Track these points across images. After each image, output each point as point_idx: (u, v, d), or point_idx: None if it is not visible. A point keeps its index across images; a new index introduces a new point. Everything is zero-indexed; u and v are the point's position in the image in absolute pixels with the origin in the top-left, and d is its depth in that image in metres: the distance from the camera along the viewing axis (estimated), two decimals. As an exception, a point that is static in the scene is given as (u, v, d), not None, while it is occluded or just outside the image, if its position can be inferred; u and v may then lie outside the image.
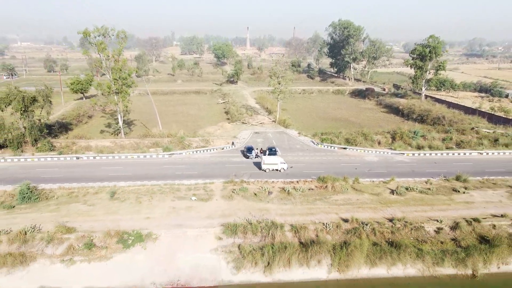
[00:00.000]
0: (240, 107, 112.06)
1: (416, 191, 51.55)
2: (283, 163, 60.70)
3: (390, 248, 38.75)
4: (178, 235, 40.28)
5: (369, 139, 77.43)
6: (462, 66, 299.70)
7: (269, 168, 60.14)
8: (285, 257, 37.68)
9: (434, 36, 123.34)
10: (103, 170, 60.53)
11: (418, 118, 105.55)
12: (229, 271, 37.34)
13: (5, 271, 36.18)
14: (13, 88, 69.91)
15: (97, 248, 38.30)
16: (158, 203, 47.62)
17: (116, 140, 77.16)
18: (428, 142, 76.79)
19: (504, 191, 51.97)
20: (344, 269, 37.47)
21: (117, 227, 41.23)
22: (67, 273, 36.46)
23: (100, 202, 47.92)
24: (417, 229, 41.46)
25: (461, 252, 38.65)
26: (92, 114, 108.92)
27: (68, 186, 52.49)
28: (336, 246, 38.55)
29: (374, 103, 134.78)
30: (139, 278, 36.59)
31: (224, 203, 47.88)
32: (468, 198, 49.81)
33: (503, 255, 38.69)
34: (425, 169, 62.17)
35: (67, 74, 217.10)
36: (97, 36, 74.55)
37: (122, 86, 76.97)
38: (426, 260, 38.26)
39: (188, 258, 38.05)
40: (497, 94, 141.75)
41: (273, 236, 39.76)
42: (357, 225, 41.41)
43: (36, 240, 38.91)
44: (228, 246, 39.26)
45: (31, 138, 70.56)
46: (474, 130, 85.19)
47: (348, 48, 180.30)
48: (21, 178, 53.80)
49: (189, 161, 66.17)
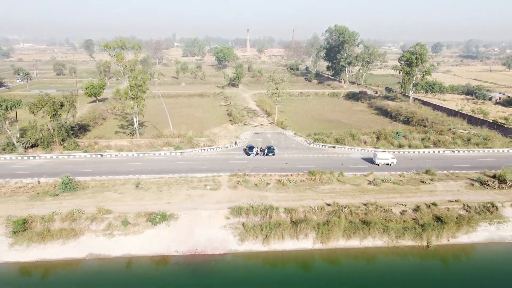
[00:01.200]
0: (241, 110, 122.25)
1: (390, 182, 61.73)
2: (393, 158, 72.34)
3: (363, 225, 48.96)
4: (194, 215, 50.49)
5: (356, 139, 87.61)
6: (456, 68, 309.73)
7: (382, 163, 71.46)
8: (279, 232, 47.89)
9: (420, 44, 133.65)
10: (125, 165, 70.68)
11: (404, 120, 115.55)
12: (235, 242, 47.56)
13: (61, 242, 46.37)
14: (44, 95, 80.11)
15: (131, 225, 48.50)
16: (176, 191, 57.82)
17: (132, 140, 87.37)
18: (409, 142, 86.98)
19: (463, 182, 62.17)
20: (325, 241, 47.68)
21: (144, 209, 51.44)
22: (108, 244, 46.67)
23: (128, 191, 58.12)
24: (385, 211, 51.66)
25: (418, 228, 48.90)
26: (106, 116, 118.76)
27: (99, 178, 62.66)
28: (319, 224, 48.74)
29: (366, 105, 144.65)
30: (165, 248, 46.77)
31: (230, 191, 58.10)
32: (432, 188, 60.03)
33: (452, 230, 48.88)
34: (402, 165, 72.22)
35: (75, 77, 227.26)
36: (116, 48, 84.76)
37: (137, 92, 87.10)
38: (391, 234, 48.47)
39: (203, 232, 48.25)
40: (481, 97, 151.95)
41: (270, 216, 49.95)
42: (337, 208, 51.60)
43: (82, 219, 49.10)
44: (234, 223, 49.49)
45: (59, 138, 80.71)
46: (451, 131, 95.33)
47: (343, 52, 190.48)
48: (58, 172, 64.18)
49: (198, 158, 76.36)
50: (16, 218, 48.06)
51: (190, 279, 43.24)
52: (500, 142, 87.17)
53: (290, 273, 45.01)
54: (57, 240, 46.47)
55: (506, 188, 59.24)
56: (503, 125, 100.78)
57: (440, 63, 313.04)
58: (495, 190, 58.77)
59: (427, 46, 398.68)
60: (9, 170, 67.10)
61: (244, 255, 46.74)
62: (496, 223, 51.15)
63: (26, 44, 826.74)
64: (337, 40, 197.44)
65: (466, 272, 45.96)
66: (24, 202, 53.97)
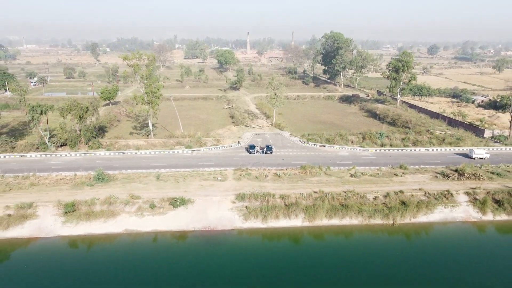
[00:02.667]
0: (243, 112, 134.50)
1: (368, 175, 73.91)
2: (486, 153, 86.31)
3: (342, 208, 61.15)
4: (207, 200, 62.68)
5: (344, 139, 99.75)
6: (448, 71, 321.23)
7: (477, 157, 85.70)
8: (275, 213, 60.09)
9: (406, 51, 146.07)
10: (145, 161, 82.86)
11: (391, 122, 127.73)
12: (240, 221, 59.75)
13: (102, 220, 58.55)
14: (73, 101, 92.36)
15: (157, 208, 60.67)
16: (190, 182, 70.01)
17: (148, 139, 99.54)
18: (390, 141, 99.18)
19: (429, 175, 74.38)
20: (312, 220, 59.86)
21: (166, 196, 63.63)
22: (140, 222, 58.84)
23: (150, 182, 70.30)
24: (361, 197, 63.83)
25: (386, 210, 61.11)
26: (119, 118, 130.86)
27: (125, 172, 74.85)
28: (307, 207, 60.92)
29: (358, 108, 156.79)
30: (184, 225, 58.93)
31: (235, 182, 70.28)
32: (402, 179, 72.22)
33: (413, 212, 61.09)
34: (381, 161, 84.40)
35: (84, 80, 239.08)
36: (133, 59, 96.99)
37: (152, 98, 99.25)
38: (364, 215, 60.65)
39: (214, 213, 60.44)
40: (465, 100, 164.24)
41: (268, 201, 62.13)
42: (322, 195, 63.75)
43: (118, 203, 61.27)
44: (239, 206, 61.69)
45: (85, 138, 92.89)
46: (429, 132, 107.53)
47: (338, 58, 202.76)
48: (89, 167, 76.44)
49: (206, 155, 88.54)
50: (65, 202, 60.26)
51: (204, 249, 55.30)
52: (471, 142, 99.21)
53: (284, 245, 57.12)
54: (99, 219, 58.67)
55: (463, 179, 71.42)
56: (477, 126, 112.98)
57: (433, 66, 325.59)
58: (454, 181, 70.99)
59: (425, 47, 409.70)
60: (47, 165, 79.31)
61: (247, 231, 58.90)
62: (450, 207, 63.38)
63: (29, 46, 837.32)
64: (332, 46, 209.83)
65: (424, 244, 57.98)
66: (67, 191, 66.19)
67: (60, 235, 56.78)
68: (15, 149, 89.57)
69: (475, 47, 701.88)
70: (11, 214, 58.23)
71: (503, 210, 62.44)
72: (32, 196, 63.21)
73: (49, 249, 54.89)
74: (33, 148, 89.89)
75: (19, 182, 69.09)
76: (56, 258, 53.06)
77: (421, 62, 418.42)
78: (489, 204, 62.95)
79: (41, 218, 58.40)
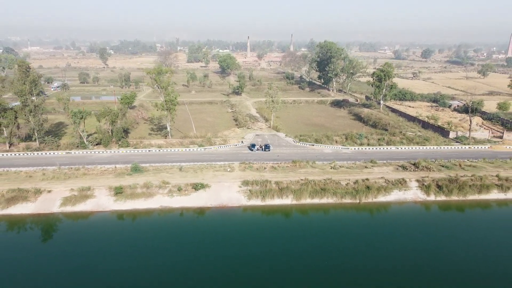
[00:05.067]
0: (245, 116, 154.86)
1: (345, 167, 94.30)
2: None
3: (321, 191, 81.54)
4: (220, 185, 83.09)
5: (330, 139, 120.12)
6: (437, 75, 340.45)
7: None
8: (271, 194, 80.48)
9: (388, 63, 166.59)
10: (167, 157, 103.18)
11: (373, 124, 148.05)
12: (245, 200, 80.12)
13: (143, 199, 78.92)
14: (107, 108, 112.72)
15: (183, 190, 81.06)
16: (206, 172, 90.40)
17: (166, 139, 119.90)
18: (368, 141, 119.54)
19: (392, 167, 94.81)
20: (298, 199, 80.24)
21: (189, 182, 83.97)
22: (170, 200, 79.23)
23: (175, 172, 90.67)
24: (336, 183, 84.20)
25: (354, 192, 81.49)
26: (138, 122, 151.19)
27: (154, 165, 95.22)
28: (295, 190, 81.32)
29: (346, 112, 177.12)
30: (203, 203, 79.27)
31: (241, 172, 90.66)
32: (370, 170, 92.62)
33: (375, 194, 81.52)
34: (358, 157, 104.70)
35: (98, 85, 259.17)
36: (156, 74, 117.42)
37: (170, 106, 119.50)
38: (338, 196, 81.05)
39: (226, 194, 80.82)
40: (442, 105, 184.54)
41: (265, 186, 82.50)
42: (307, 181, 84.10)
43: (153, 187, 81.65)
44: (244, 190, 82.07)
45: (116, 138, 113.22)
46: (402, 133, 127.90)
47: (331, 65, 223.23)
48: (124, 161, 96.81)
49: (216, 152, 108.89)
50: (114, 186, 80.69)
51: (218, 221, 75.40)
52: (435, 142, 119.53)
53: (277, 218, 77.32)
54: (141, 198, 79.05)
55: (418, 170, 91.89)
56: (444, 129, 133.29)
57: (423, 71, 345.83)
58: (410, 172, 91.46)
59: (422, 49, 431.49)
60: (90, 160, 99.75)
61: (250, 207, 79.25)
62: (403, 190, 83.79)
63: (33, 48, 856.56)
64: (325, 54, 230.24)
65: (382, 218, 78.13)
66: (112, 178, 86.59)
67: (112, 210, 77.14)
68: (59, 147, 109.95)
69: (469, 50, 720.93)
70: (76, 195, 78.60)
71: (443, 193, 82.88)
72: (87, 182, 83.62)
73: (104, 220, 75.19)
74: (74, 146, 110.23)
75: (73, 172, 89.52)
76: (110, 226, 73.30)
77: (414, 66, 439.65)
78: (433, 188, 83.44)
79: (97, 197, 78.81)
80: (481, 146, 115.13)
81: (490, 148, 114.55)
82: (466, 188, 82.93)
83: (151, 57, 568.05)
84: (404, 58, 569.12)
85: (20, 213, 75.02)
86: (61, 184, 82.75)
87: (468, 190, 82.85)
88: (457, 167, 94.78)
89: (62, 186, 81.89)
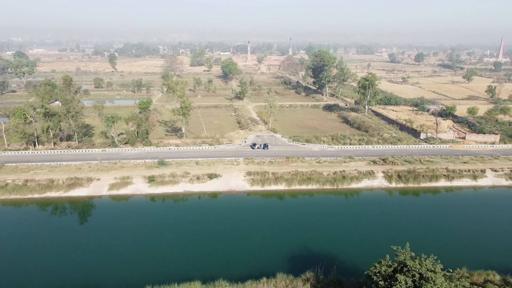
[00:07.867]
0: (247, 119, 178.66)
1: (328, 162, 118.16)
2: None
3: (308, 179, 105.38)
4: (229, 175, 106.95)
5: (318, 139, 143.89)
6: (426, 80, 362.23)
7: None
8: (269, 182, 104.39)
9: (371, 73, 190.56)
10: (185, 154, 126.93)
11: (357, 127, 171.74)
12: (248, 186, 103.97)
13: (170, 185, 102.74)
14: (135, 113, 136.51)
15: (200, 179, 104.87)
16: (217, 165, 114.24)
17: (182, 139, 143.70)
18: (350, 141, 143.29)
19: (366, 162, 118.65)
20: (290, 186, 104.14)
21: (205, 172, 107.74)
22: (191, 186, 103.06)
23: (193, 165, 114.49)
24: (320, 174, 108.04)
25: (333, 180, 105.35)
26: (154, 124, 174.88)
27: (175, 160, 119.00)
28: (288, 178, 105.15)
29: (336, 115, 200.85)
30: (216, 188, 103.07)
31: (245, 165, 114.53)
32: (347, 164, 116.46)
33: (349, 182, 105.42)
34: (340, 154, 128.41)
35: (112, 90, 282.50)
36: (173, 85, 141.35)
37: (185, 111, 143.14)
38: (320, 183, 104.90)
39: (234, 182, 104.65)
40: (422, 109, 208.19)
41: (264, 175, 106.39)
42: (297, 172, 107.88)
43: (177, 176, 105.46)
44: (248, 178, 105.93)
45: (141, 138, 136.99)
46: (380, 134, 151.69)
47: (324, 73, 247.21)
48: (151, 157, 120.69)
49: (224, 150, 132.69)
50: (148, 175, 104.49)
51: (228, 202, 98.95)
52: (406, 142, 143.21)
53: (273, 201, 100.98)
54: (168, 185, 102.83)
55: (385, 164, 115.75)
56: (417, 130, 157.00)
57: (411, 76, 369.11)
58: (379, 165, 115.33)
59: (418, 51, 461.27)
60: (123, 156, 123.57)
61: (253, 192, 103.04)
62: (371, 179, 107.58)
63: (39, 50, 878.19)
64: (319, 62, 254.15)
65: (354, 200, 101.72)
66: (144, 170, 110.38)
67: (147, 193, 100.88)
68: (94, 145, 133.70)
69: (463, 53, 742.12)
70: (119, 182, 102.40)
71: (401, 181, 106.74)
72: (126, 173, 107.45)
73: (141, 201, 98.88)
74: (106, 145, 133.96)
75: (112, 166, 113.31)
76: (145, 206, 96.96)
77: (406, 70, 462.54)
78: (394, 178, 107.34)
79: (135, 184, 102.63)
80: (443, 145, 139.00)
81: (450, 147, 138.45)
82: (420, 178, 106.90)
83: (155, 60, 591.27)
84: (399, 62, 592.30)
85: (78, 195, 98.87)
86: (106, 174, 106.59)
87: (421, 179, 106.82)
88: (417, 162, 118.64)
89: (107, 175, 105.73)
